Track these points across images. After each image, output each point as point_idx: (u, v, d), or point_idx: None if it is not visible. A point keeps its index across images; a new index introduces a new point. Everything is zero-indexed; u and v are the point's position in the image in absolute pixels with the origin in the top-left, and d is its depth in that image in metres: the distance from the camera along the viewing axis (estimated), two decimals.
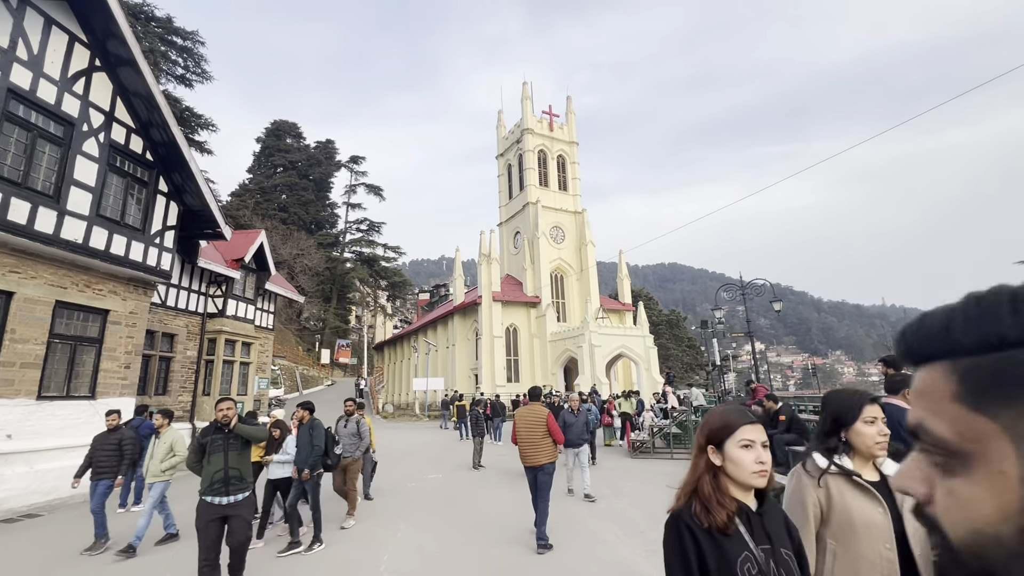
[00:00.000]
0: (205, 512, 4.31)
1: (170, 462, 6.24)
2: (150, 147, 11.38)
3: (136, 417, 8.68)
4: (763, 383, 38.56)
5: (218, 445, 4.48)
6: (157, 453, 6.25)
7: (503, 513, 7.11)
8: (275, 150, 55.32)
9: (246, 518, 4.51)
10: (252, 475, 4.72)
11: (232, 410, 4.61)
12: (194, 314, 16.18)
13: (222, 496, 4.34)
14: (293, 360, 40.11)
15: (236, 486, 4.43)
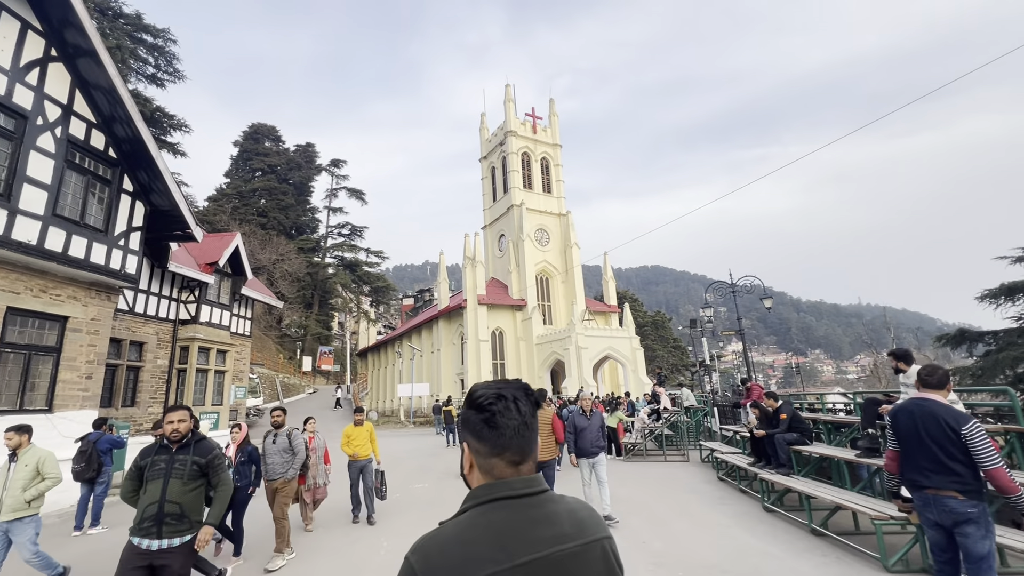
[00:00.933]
0: (128, 559, 3.23)
1: (37, 489, 4.71)
2: (113, 143, 10.73)
3: (94, 431, 7.94)
4: (740, 384, 38.69)
5: (159, 470, 3.38)
6: (15, 481, 4.66)
7: None
8: (253, 154, 54.13)
9: (179, 571, 3.31)
10: (200, 512, 3.53)
11: (185, 423, 3.52)
12: (165, 321, 15.42)
13: (151, 538, 3.24)
14: (273, 368, 39.03)
15: (173, 526, 3.29)
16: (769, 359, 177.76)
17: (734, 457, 8.70)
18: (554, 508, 1.09)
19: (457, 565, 0.96)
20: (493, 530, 1.01)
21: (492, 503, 1.06)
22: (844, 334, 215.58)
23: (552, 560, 1.00)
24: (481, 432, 1.09)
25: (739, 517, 6.42)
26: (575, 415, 6.91)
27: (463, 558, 0.97)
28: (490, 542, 0.99)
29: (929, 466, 3.11)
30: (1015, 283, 18.20)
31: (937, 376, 3.23)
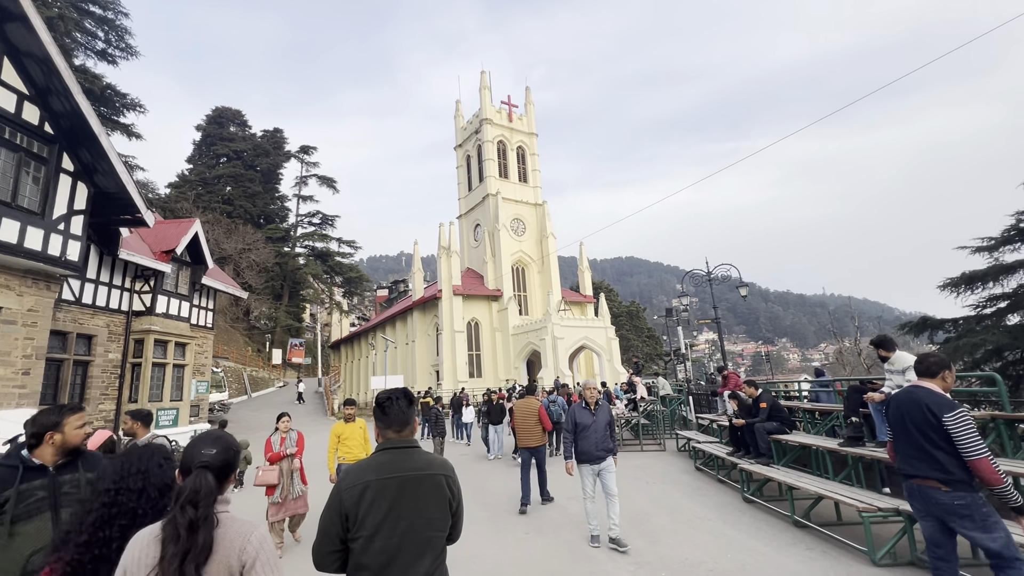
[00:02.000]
0: None
1: None
2: (50, 118, 9.81)
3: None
4: (713, 372, 39.28)
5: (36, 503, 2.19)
6: None
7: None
8: (217, 139, 51.83)
9: None
10: None
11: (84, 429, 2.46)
12: (117, 312, 14.46)
13: None
14: (241, 361, 37.69)
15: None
16: (739, 348, 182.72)
17: (712, 446, 8.58)
18: (415, 454, 1.97)
19: (355, 478, 1.88)
20: (377, 462, 1.94)
21: (382, 451, 1.99)
22: (809, 323, 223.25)
23: (403, 479, 1.89)
24: (380, 416, 2.05)
25: (720, 509, 6.26)
26: (577, 409, 5.53)
27: (359, 474, 1.90)
28: (374, 467, 1.92)
29: (913, 454, 3.01)
30: (975, 272, 18.81)
31: (927, 364, 3.07)
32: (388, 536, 1.80)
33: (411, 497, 1.87)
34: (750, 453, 7.10)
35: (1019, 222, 18.20)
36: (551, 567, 4.66)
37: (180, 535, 1.42)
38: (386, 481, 1.87)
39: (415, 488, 1.89)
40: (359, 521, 1.81)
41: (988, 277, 18.39)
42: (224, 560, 1.46)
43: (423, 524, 1.86)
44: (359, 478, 1.87)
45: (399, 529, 1.82)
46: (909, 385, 3.18)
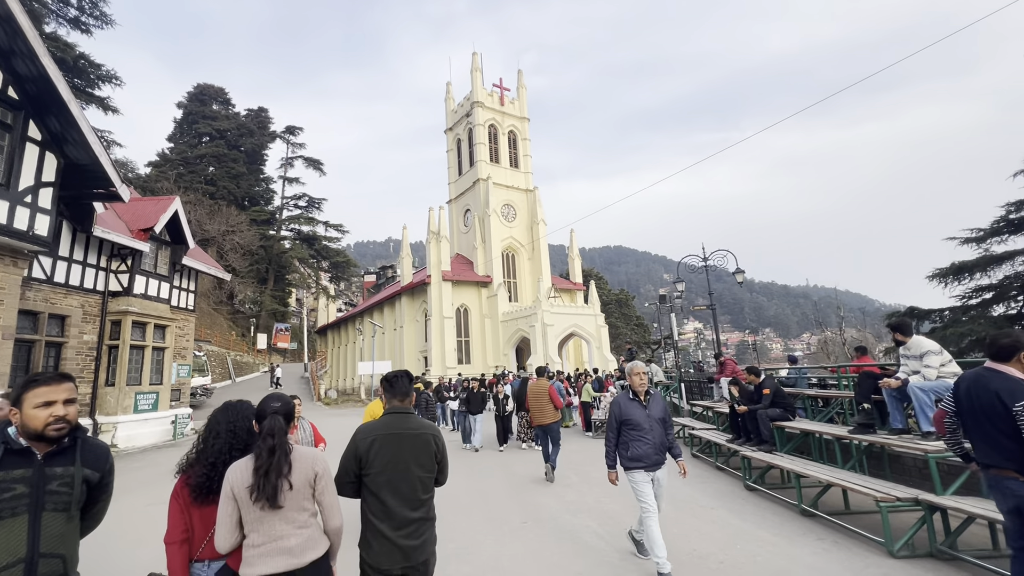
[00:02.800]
0: None
1: None
2: (14, 82, 9.17)
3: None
4: (702, 360, 39.33)
5: (16, 499, 1.84)
6: None
7: (468, 526, 6.14)
8: (200, 117, 50.21)
9: None
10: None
11: (74, 405, 2.00)
12: (92, 292, 13.86)
13: None
14: (225, 346, 36.97)
15: None
16: (723, 337, 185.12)
17: (710, 433, 8.43)
18: (412, 418, 2.65)
19: (368, 432, 2.54)
20: (384, 422, 2.60)
21: (389, 414, 2.65)
22: (792, 313, 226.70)
23: (402, 435, 2.55)
24: (388, 388, 2.72)
25: (722, 497, 6.10)
26: (622, 401, 4.31)
27: (370, 430, 2.56)
28: (382, 426, 2.58)
29: (987, 442, 2.74)
30: (965, 262, 18.97)
31: (999, 345, 2.78)
32: (391, 473, 2.50)
33: (408, 448, 2.56)
34: (751, 440, 6.94)
35: (1008, 213, 18.32)
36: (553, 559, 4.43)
37: (263, 456, 2.13)
38: (390, 436, 2.56)
39: (411, 443, 2.58)
40: (369, 462, 2.50)
41: (977, 268, 18.55)
42: (303, 472, 2.19)
43: (416, 467, 2.55)
44: (370, 432, 2.57)
45: (399, 469, 2.51)
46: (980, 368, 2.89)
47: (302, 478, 2.17)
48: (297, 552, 2.12)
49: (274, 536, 2.11)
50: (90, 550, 5.06)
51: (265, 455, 2.12)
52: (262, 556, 2.08)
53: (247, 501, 2.09)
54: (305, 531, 2.17)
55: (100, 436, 13.37)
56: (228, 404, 2.54)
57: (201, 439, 2.43)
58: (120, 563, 4.69)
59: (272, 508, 2.09)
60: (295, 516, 2.15)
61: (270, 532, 2.11)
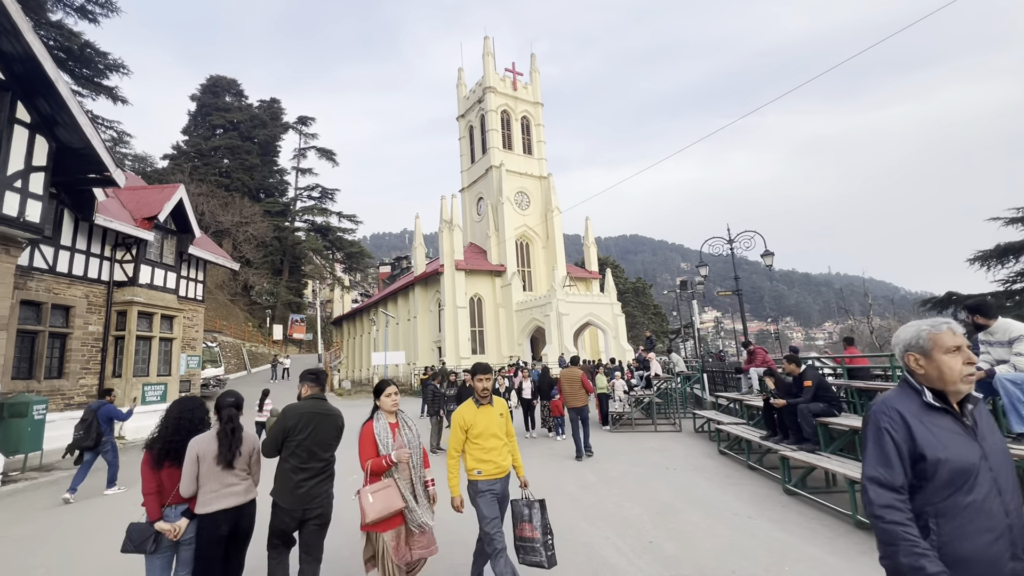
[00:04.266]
0: None
1: None
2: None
3: (96, 401, 7.81)
4: (720, 350, 38.20)
5: None
6: None
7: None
8: (213, 109, 50.24)
9: None
10: None
11: None
12: (97, 282, 13.62)
13: None
14: (240, 336, 37.12)
15: None
16: (739, 326, 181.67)
17: (740, 428, 7.72)
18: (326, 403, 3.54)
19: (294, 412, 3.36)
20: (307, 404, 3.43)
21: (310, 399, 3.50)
22: (814, 302, 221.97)
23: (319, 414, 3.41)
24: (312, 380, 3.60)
25: (759, 503, 5.42)
26: (911, 409, 1.66)
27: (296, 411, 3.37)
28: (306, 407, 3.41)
29: None
30: (1011, 244, 17.71)
31: None
32: (309, 440, 3.31)
33: (321, 424, 3.39)
34: (788, 438, 6.22)
35: None
36: None
37: (227, 434, 3.19)
38: (310, 415, 3.38)
39: (323, 420, 3.42)
40: (295, 433, 3.31)
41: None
42: (248, 445, 3.30)
43: (327, 438, 3.43)
44: (295, 412, 3.38)
45: (315, 438, 3.33)
46: None
47: (246, 450, 3.28)
48: (242, 494, 3.19)
49: (227, 484, 3.13)
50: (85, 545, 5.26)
51: (228, 434, 3.18)
52: (218, 498, 3.08)
53: (210, 462, 3.09)
54: (245, 482, 3.25)
55: None
56: (180, 399, 3.46)
57: (159, 426, 3.29)
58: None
59: (227, 468, 3.13)
60: (240, 472, 3.21)
61: (223, 481, 3.12)
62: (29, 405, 9.62)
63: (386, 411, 3.53)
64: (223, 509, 3.05)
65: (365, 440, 3.40)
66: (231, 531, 3.09)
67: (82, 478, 7.11)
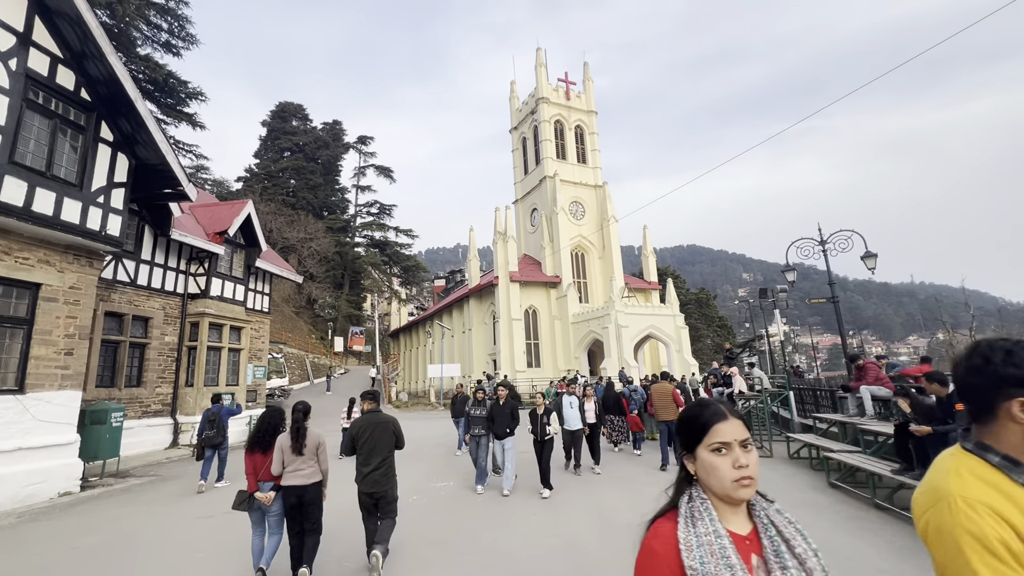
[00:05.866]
0: None
1: None
2: (87, 84, 9.22)
3: (215, 405, 8.88)
4: (796, 365, 35.01)
5: None
6: None
7: (547, 545, 4.88)
8: (281, 133, 53.41)
9: None
10: None
11: None
12: (172, 294, 14.23)
13: None
14: (303, 348, 38.51)
15: None
16: (814, 339, 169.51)
17: (856, 458, 6.55)
18: (382, 414, 4.98)
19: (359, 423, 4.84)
20: (366, 417, 4.89)
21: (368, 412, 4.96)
22: (895, 314, 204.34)
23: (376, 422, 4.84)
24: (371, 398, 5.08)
25: (903, 554, 4.35)
26: None
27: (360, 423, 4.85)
28: (364, 419, 4.88)
29: None
30: None
31: None
32: (369, 442, 4.70)
33: (376, 430, 4.77)
34: None
35: None
36: None
37: (296, 431, 4.39)
38: (367, 425, 4.79)
39: (378, 427, 4.79)
40: (359, 437, 4.73)
41: None
42: (313, 441, 4.43)
43: (384, 439, 4.77)
44: (358, 424, 4.81)
45: (373, 440, 4.71)
46: None
47: (311, 443, 4.41)
48: (307, 477, 4.34)
49: (296, 468, 4.32)
50: None
51: (296, 431, 4.37)
52: (290, 476, 4.29)
53: (288, 450, 4.33)
54: (311, 468, 4.38)
55: (180, 436, 13.61)
56: (267, 409, 4.86)
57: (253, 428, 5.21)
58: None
59: (297, 455, 4.33)
60: (308, 461, 4.38)
61: (294, 466, 4.32)
62: (108, 412, 9.94)
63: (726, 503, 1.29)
64: (292, 485, 4.27)
65: None
66: (298, 501, 4.26)
67: (208, 469, 8.57)
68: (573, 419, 8.56)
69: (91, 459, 9.57)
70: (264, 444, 4.51)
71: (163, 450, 12.96)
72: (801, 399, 12.90)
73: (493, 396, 8.51)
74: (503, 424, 7.42)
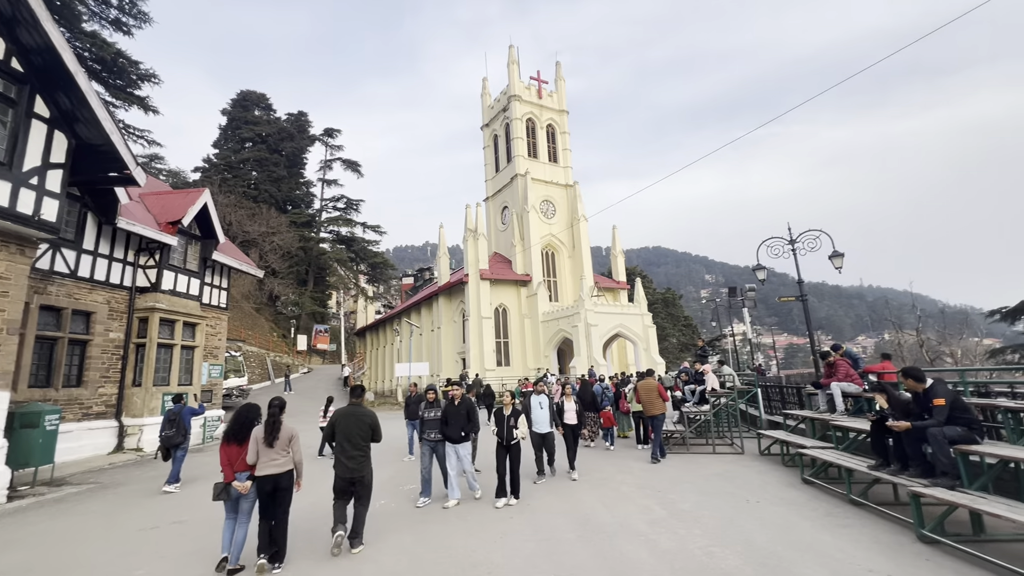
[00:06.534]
0: None
1: None
2: (18, 52, 8.36)
3: (176, 404, 8.68)
4: (759, 363, 36.21)
5: None
6: None
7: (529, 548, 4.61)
8: (243, 122, 51.16)
9: None
10: None
11: None
12: (119, 288, 13.23)
13: None
14: (264, 346, 36.97)
15: None
16: (771, 340, 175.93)
17: (830, 454, 6.57)
18: (361, 406, 5.52)
19: (339, 413, 5.43)
20: (346, 408, 5.50)
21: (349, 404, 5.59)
22: (845, 315, 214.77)
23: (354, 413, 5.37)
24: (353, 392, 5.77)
25: (889, 552, 4.31)
26: None
27: (340, 412, 5.44)
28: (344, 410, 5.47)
29: None
30: None
31: None
32: (345, 430, 5.17)
33: (354, 420, 5.24)
34: (907, 468, 5.10)
35: None
36: None
37: (270, 425, 4.74)
38: (347, 414, 5.31)
39: (356, 417, 5.27)
40: (337, 425, 5.25)
41: None
42: (286, 433, 4.79)
43: (360, 430, 5.20)
44: (338, 413, 5.38)
45: (350, 429, 5.17)
46: None
47: (284, 436, 4.76)
48: (280, 466, 4.67)
49: (270, 458, 4.66)
50: None
51: (269, 424, 4.72)
52: (264, 465, 4.62)
53: (261, 442, 4.67)
54: (285, 458, 4.72)
55: (125, 439, 12.67)
56: (244, 405, 5.04)
57: (228, 422, 5.08)
58: None
59: (269, 446, 4.66)
60: (280, 452, 4.71)
61: (268, 456, 4.66)
62: (41, 415, 9.08)
63: None
64: (267, 474, 4.59)
65: None
66: (273, 489, 4.60)
67: (179, 470, 8.39)
68: (543, 421, 7.81)
69: (21, 466, 8.70)
70: (240, 437, 4.76)
71: (106, 455, 12.00)
72: (768, 396, 13.13)
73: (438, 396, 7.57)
74: (457, 427, 6.64)
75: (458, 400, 6.82)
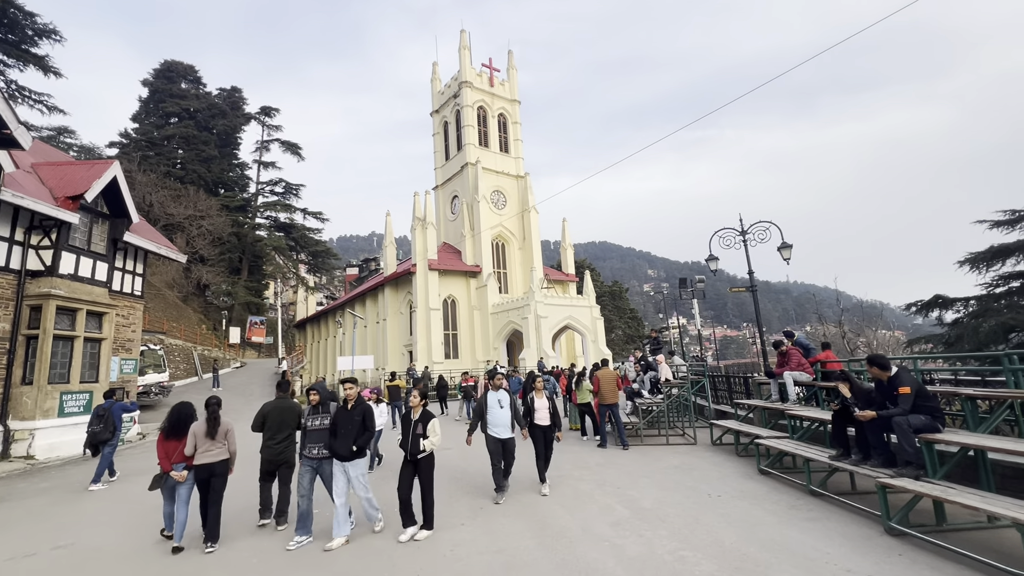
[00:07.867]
0: None
1: None
2: None
3: (107, 400, 8.67)
4: (700, 355, 37.78)
5: None
6: None
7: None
8: (167, 95, 46.76)
9: None
10: None
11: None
12: (5, 271, 11.41)
13: None
14: (191, 339, 34.11)
15: None
16: (708, 332, 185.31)
17: (787, 444, 6.52)
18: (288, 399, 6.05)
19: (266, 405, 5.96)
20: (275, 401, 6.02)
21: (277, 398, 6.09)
22: (774, 309, 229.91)
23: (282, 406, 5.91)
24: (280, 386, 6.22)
25: (855, 545, 4.17)
26: None
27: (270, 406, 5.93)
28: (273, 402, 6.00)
29: None
30: (1005, 246, 17.55)
31: None
32: (274, 422, 5.75)
33: (283, 412, 5.84)
34: (869, 458, 5.03)
35: None
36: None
37: (212, 419, 5.27)
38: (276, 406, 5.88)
39: (283, 409, 5.85)
40: (268, 415, 5.79)
41: (1019, 251, 17.17)
42: (224, 427, 5.33)
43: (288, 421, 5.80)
44: (268, 405, 5.92)
45: (279, 421, 5.77)
46: None
47: (222, 430, 5.25)
48: (216, 456, 5.16)
49: (208, 449, 5.12)
50: None
51: (212, 419, 5.20)
52: (203, 455, 5.08)
53: (201, 435, 5.13)
54: (220, 449, 5.21)
55: (12, 446, 10.96)
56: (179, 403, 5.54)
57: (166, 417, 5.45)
58: None
59: (209, 438, 5.14)
60: (218, 443, 5.21)
61: (207, 446, 5.12)
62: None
63: None
64: (204, 463, 5.08)
65: None
66: (209, 476, 5.08)
67: (106, 466, 8.33)
68: (502, 423, 6.33)
69: None
70: (179, 432, 5.29)
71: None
72: (715, 386, 13.34)
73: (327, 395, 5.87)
74: (348, 439, 5.07)
75: (352, 403, 5.26)
